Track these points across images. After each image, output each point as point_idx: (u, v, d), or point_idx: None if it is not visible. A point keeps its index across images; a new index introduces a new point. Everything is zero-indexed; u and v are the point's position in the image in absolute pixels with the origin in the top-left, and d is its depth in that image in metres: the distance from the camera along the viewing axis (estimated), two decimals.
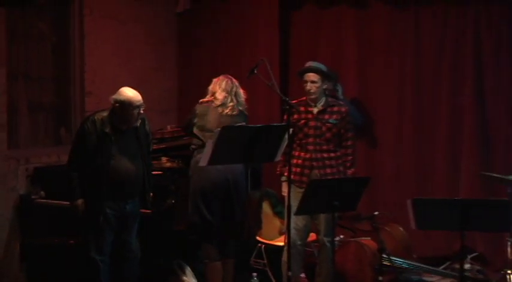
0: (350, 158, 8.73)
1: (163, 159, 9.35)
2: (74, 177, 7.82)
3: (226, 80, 8.64)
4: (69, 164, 8.01)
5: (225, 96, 8.49)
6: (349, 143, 8.72)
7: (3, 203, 8.98)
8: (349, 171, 8.67)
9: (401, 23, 10.47)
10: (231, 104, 8.47)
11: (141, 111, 7.94)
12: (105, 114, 7.88)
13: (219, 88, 8.57)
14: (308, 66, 8.75)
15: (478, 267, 9.56)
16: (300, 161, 8.57)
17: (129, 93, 7.88)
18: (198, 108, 8.61)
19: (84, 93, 9.91)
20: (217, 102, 8.50)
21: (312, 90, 8.54)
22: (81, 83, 9.95)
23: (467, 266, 8.62)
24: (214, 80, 8.67)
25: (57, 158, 9.43)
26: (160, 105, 9.92)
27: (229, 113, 8.40)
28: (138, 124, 7.98)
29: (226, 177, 8.30)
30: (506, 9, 9.80)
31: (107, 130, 7.80)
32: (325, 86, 8.67)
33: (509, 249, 8.52)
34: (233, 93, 8.56)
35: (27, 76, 9.63)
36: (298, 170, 8.54)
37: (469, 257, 9.39)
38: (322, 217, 8.42)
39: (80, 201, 7.73)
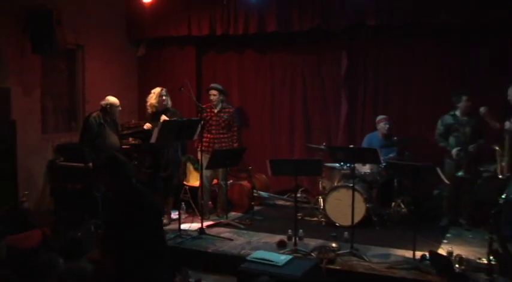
0: (235, 137, 9.03)
1: (130, 138, 9.29)
2: (86, 151, 7.90)
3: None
4: (81, 143, 8.06)
5: None
6: (235, 129, 9.02)
7: (41, 165, 8.99)
8: (235, 145, 8.97)
9: (263, 63, 10.45)
10: None
11: (120, 109, 8.21)
12: (98, 112, 8.08)
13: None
14: (211, 86, 9.02)
15: (304, 195, 9.65)
16: (207, 139, 8.80)
17: (114, 99, 8.17)
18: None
19: (85, 102, 9.81)
20: None
21: (213, 100, 8.84)
22: (83, 97, 9.85)
23: (298, 195, 8.24)
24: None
25: (70, 139, 9.37)
26: (128, 108, 9.85)
27: None
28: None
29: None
30: (320, 57, 9.95)
31: (102, 121, 8.00)
32: (221, 98, 8.89)
33: (320, 185, 8.85)
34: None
35: (52, 93, 9.55)
36: (206, 144, 8.74)
37: (299, 190, 9.27)
38: (221, 170, 8.72)
39: (90, 164, 7.81)
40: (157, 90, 8.31)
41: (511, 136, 7.33)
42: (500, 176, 7.49)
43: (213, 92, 8.87)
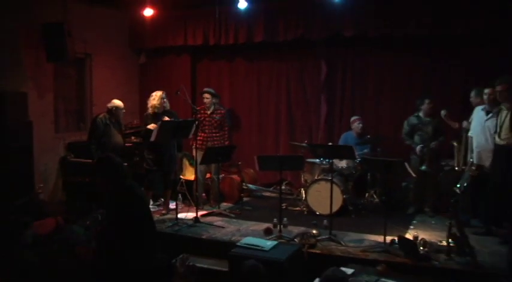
0: (226, 136, 9.01)
1: (132, 137, 9.29)
2: (93, 148, 7.90)
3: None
4: (89, 141, 8.08)
5: None
6: (226, 128, 9.00)
7: (54, 161, 9.02)
8: (226, 143, 8.95)
9: (252, 70, 10.48)
10: None
11: (124, 111, 8.20)
12: (105, 114, 8.10)
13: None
14: (205, 90, 9.00)
15: (288, 188, 9.70)
16: (201, 138, 8.77)
17: (118, 102, 8.17)
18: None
19: (92, 105, 9.84)
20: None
21: (207, 102, 8.82)
22: (90, 100, 9.88)
23: (283, 187, 8.58)
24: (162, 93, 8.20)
25: (79, 138, 9.37)
26: (130, 109, 9.63)
27: None
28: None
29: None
30: (302, 64, 10.01)
31: (108, 122, 8.00)
32: (214, 100, 8.85)
33: (302, 178, 8.89)
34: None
35: (64, 97, 9.58)
36: (200, 142, 8.72)
37: (284, 182, 9.42)
38: (213, 165, 8.70)
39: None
40: (159, 93, 8.20)
41: (467, 134, 7.57)
42: (456, 168, 7.71)
43: (206, 95, 8.87)
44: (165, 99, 8.21)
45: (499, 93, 6.77)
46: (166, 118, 7.99)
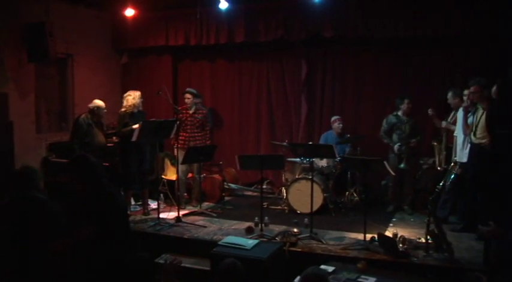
0: (208, 136, 8.94)
1: (114, 137, 9.14)
2: (76, 148, 7.85)
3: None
4: (72, 141, 8.04)
5: None
6: (207, 128, 8.94)
7: (35, 161, 8.82)
8: (208, 142, 8.87)
9: (233, 70, 10.47)
10: None
11: (105, 111, 8.20)
12: (87, 114, 8.08)
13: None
14: (187, 90, 8.96)
15: (269, 187, 9.69)
16: (183, 138, 8.70)
17: (100, 102, 8.16)
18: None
19: (74, 105, 9.75)
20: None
21: (188, 102, 8.78)
22: (72, 100, 9.78)
23: (264, 186, 8.54)
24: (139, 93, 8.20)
25: (61, 138, 9.29)
26: (112, 109, 9.44)
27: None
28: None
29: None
30: (283, 64, 10.03)
31: (90, 122, 7.98)
32: (195, 101, 8.82)
33: (283, 177, 8.84)
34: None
35: (45, 97, 9.46)
36: (182, 142, 8.64)
37: (265, 182, 9.44)
38: (195, 164, 8.68)
39: None
40: (137, 92, 8.21)
41: (447, 133, 7.63)
42: (438, 168, 7.77)
43: (188, 95, 8.84)
44: (141, 99, 8.25)
45: (473, 94, 6.90)
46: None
